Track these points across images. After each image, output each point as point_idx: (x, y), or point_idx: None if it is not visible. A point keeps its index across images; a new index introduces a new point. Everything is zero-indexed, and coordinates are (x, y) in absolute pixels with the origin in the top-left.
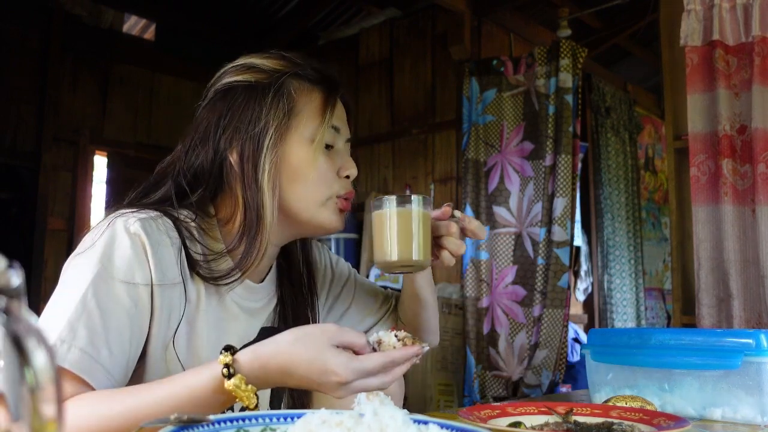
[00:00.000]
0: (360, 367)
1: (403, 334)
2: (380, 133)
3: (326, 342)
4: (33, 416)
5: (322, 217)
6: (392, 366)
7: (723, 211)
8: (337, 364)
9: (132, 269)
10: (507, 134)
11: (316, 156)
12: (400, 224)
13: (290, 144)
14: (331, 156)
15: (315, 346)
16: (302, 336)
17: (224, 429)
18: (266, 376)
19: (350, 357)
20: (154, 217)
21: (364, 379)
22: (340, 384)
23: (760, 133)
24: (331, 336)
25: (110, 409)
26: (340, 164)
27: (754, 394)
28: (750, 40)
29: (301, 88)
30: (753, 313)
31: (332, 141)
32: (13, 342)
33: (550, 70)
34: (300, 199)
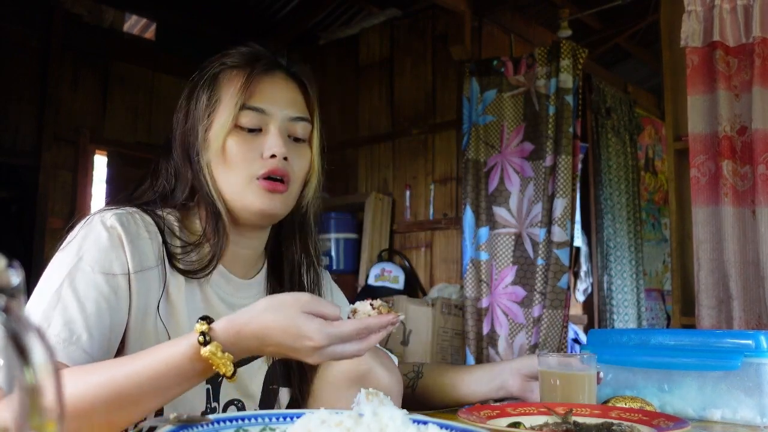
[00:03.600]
0: (334, 332)
1: (378, 302)
2: (380, 133)
3: (300, 309)
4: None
5: (247, 200)
6: (367, 333)
7: (723, 212)
8: (311, 329)
9: (109, 259)
10: (507, 135)
11: (228, 139)
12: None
13: (214, 132)
14: (256, 138)
15: (289, 312)
16: (276, 303)
17: (224, 429)
18: (242, 344)
19: (324, 322)
20: (131, 212)
21: (338, 345)
22: (314, 349)
23: (760, 134)
24: (305, 303)
25: (87, 382)
26: (267, 145)
27: (754, 396)
28: (750, 41)
29: (225, 76)
30: (753, 314)
31: (257, 123)
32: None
33: (551, 70)
34: (226, 183)
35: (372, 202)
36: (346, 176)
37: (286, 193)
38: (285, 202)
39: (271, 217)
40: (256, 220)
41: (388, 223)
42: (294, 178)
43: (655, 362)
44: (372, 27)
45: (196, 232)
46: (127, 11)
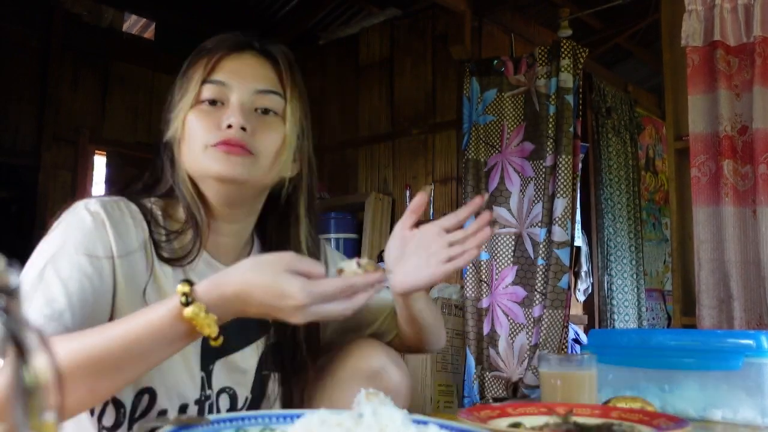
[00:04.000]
0: (316, 290)
1: (365, 261)
2: (380, 133)
3: (282, 267)
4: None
5: (204, 167)
6: (352, 292)
7: (724, 212)
8: (293, 287)
9: (92, 242)
10: (507, 134)
11: (189, 115)
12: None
13: (177, 110)
14: (216, 111)
15: (271, 271)
16: (258, 263)
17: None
18: (225, 304)
19: (307, 281)
20: (116, 200)
21: (322, 304)
22: (296, 308)
23: (761, 133)
24: (288, 262)
25: (67, 349)
26: (225, 116)
27: (755, 395)
28: (751, 40)
29: (195, 63)
30: (754, 314)
31: (217, 96)
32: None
33: (551, 70)
34: (186, 159)
35: (372, 202)
36: (346, 176)
37: (249, 159)
38: (247, 166)
39: (232, 181)
40: (221, 191)
41: (388, 223)
42: (259, 150)
43: (656, 362)
44: (372, 27)
45: (180, 220)
46: (127, 11)
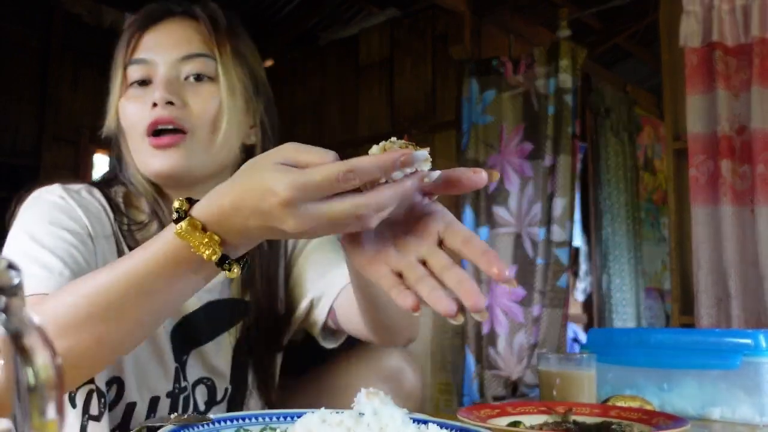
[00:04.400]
0: (303, 179)
1: (401, 142)
2: (380, 133)
3: (272, 160)
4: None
5: (142, 163)
6: (358, 177)
7: (722, 212)
8: (273, 178)
9: (68, 218)
10: (507, 135)
11: (121, 101)
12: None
13: (110, 99)
14: (146, 92)
15: (257, 166)
16: (253, 160)
17: (224, 428)
18: (227, 220)
19: (291, 169)
20: (79, 187)
21: (320, 202)
22: (281, 206)
23: (759, 133)
24: (284, 153)
25: (67, 297)
26: (151, 94)
27: (753, 394)
28: (749, 41)
29: (118, 44)
30: (752, 313)
31: (143, 75)
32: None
33: (550, 70)
34: (131, 151)
35: None
36: None
37: (183, 145)
38: (182, 155)
39: (172, 178)
40: (170, 183)
41: None
42: (194, 124)
43: (655, 361)
44: (372, 27)
45: (144, 211)
46: (127, 11)
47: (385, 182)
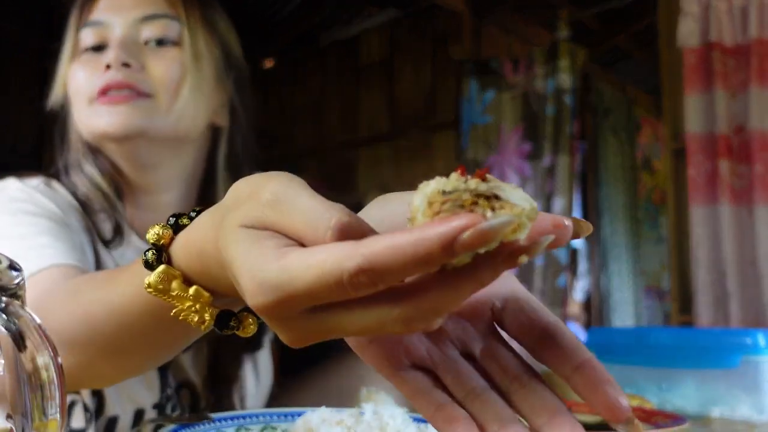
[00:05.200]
0: (280, 282)
1: (474, 183)
2: (380, 133)
3: (236, 219)
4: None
5: (89, 125)
6: (381, 282)
7: (720, 212)
8: (238, 267)
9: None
10: (506, 135)
11: (71, 67)
12: None
13: (59, 67)
14: (100, 57)
15: (221, 223)
16: (216, 208)
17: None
18: (208, 271)
19: (263, 254)
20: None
21: (322, 313)
22: (258, 311)
23: (757, 133)
24: (253, 208)
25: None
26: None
27: (752, 393)
28: (747, 41)
29: (71, 8)
30: (751, 312)
31: (97, 40)
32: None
33: (549, 71)
34: (77, 120)
35: None
36: (346, 176)
37: (142, 103)
38: (136, 114)
39: (126, 138)
40: (123, 153)
41: None
42: (155, 88)
43: (654, 360)
44: (372, 27)
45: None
46: None
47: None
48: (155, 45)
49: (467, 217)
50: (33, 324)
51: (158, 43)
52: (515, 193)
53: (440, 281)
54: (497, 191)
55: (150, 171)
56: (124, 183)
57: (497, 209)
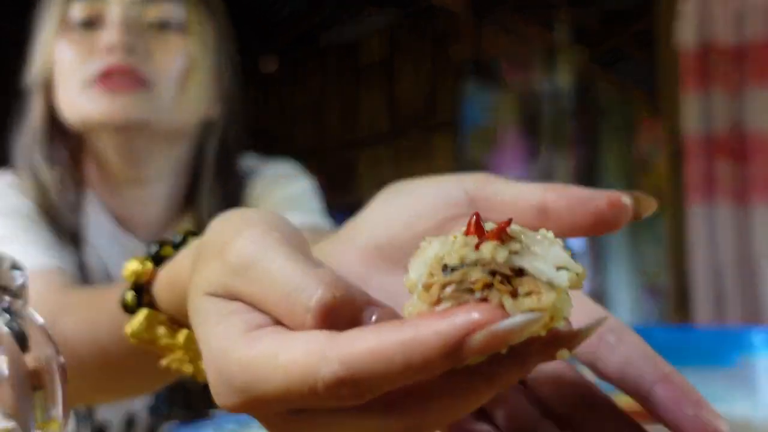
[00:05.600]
0: (245, 385)
1: (489, 249)
2: (380, 133)
3: (201, 285)
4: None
5: (83, 111)
6: (364, 393)
7: (718, 211)
8: (208, 358)
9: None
10: (506, 135)
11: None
12: None
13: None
14: (92, 34)
15: (189, 289)
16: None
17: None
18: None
19: (240, 340)
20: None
21: (302, 417)
22: (236, 412)
23: (755, 133)
24: (217, 273)
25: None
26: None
27: (750, 392)
28: (745, 42)
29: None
30: (748, 311)
31: (90, 14)
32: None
33: (549, 71)
34: (62, 103)
35: None
36: (346, 176)
37: (144, 93)
38: (142, 104)
39: (125, 128)
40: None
41: None
42: (158, 77)
43: None
44: (372, 28)
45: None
46: None
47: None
48: (157, 28)
49: (478, 310)
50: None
51: (160, 27)
52: (550, 253)
53: (449, 386)
54: (521, 261)
55: (141, 164)
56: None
57: (521, 294)
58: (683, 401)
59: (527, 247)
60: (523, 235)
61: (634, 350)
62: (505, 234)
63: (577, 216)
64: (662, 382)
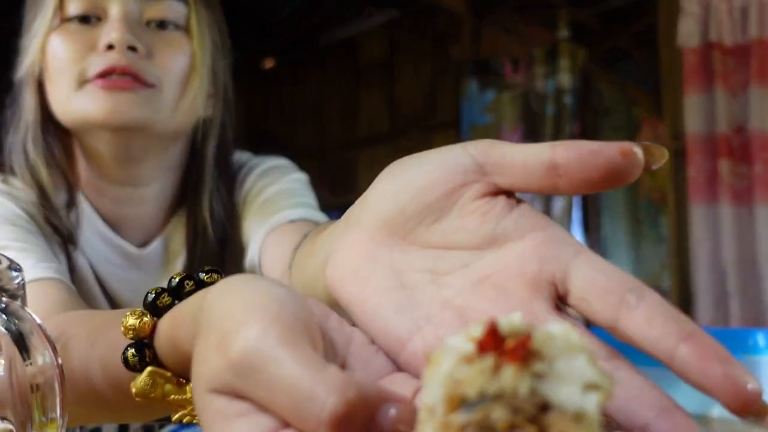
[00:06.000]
0: None
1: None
2: (380, 133)
3: (199, 350)
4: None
5: (78, 109)
6: None
7: (720, 211)
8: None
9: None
10: (506, 135)
11: (51, 37)
12: None
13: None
14: (91, 30)
15: (196, 375)
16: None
17: None
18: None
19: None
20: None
21: None
22: None
23: (757, 133)
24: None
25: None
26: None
27: None
28: (747, 41)
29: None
30: (750, 312)
31: (89, 8)
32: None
33: (549, 71)
34: (54, 100)
35: None
36: (346, 176)
37: (146, 93)
38: (142, 104)
39: (124, 129)
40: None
41: None
42: (160, 78)
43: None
44: (372, 27)
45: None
46: None
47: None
48: (156, 27)
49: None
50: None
51: (159, 25)
52: (575, 369)
53: None
54: (546, 390)
55: (136, 165)
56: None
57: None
58: (711, 359)
59: (550, 365)
60: (546, 346)
61: (655, 309)
62: (527, 351)
63: (589, 169)
64: (687, 340)
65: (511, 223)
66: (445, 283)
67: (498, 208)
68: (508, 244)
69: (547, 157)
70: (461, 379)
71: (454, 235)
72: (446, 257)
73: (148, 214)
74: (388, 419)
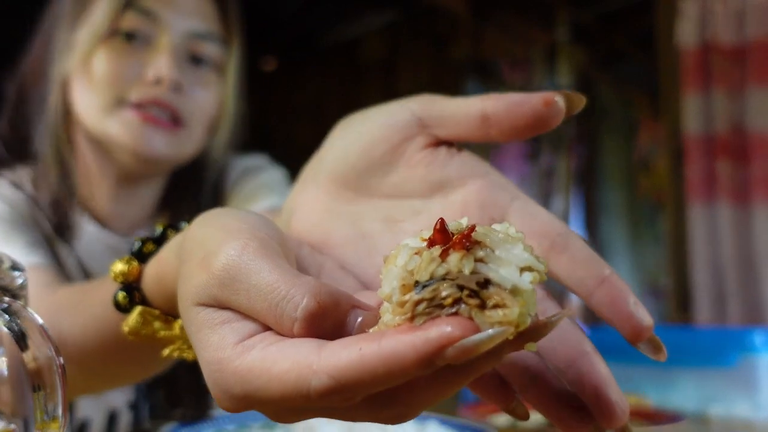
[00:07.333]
0: (249, 388)
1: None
2: None
3: (191, 295)
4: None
5: (109, 130)
6: (347, 397)
7: (719, 211)
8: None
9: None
10: None
11: (100, 47)
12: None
13: (83, 34)
14: (138, 53)
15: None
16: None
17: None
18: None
19: (233, 350)
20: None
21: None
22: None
23: (755, 133)
24: (207, 289)
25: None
26: (153, 63)
27: (750, 392)
28: (745, 42)
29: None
30: (749, 311)
31: (143, 30)
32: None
33: (548, 71)
34: (85, 107)
35: None
36: None
37: (177, 134)
38: (172, 144)
39: (147, 160)
40: (130, 165)
41: None
42: (191, 118)
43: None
44: (372, 28)
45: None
46: None
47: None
48: (192, 61)
49: (449, 324)
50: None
51: (196, 62)
52: (513, 255)
53: (429, 379)
54: (487, 270)
55: (141, 182)
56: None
57: (489, 307)
58: (619, 301)
59: (491, 251)
60: (488, 237)
61: (578, 253)
62: (470, 240)
63: (516, 118)
64: (603, 284)
65: (454, 171)
66: (400, 230)
67: (441, 157)
68: (453, 191)
69: (479, 108)
70: (414, 269)
71: (403, 185)
72: (399, 206)
73: (138, 210)
74: (356, 323)
